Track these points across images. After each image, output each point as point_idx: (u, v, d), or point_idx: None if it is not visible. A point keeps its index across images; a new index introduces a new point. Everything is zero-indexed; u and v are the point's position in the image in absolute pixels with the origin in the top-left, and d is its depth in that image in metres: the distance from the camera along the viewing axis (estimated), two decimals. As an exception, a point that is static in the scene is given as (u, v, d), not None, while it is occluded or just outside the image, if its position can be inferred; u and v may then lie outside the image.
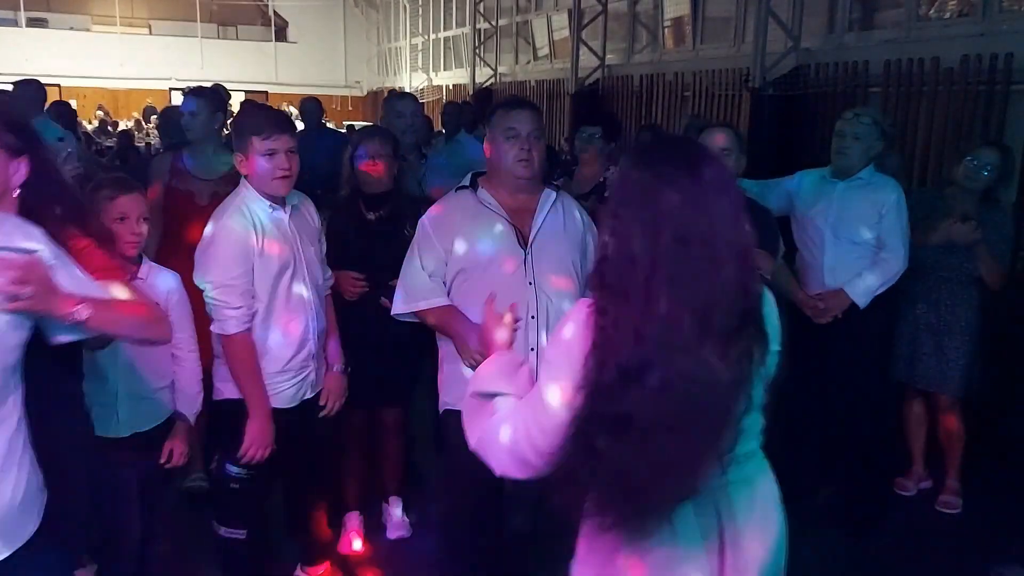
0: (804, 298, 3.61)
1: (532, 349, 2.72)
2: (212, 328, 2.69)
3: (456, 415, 2.81)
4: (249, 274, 2.65)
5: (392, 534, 3.56)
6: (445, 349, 2.84)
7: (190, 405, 2.77)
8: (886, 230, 3.53)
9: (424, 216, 2.83)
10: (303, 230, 2.83)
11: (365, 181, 3.31)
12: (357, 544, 3.44)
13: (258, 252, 2.66)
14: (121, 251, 2.54)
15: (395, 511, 3.61)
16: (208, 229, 2.68)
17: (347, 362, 3.06)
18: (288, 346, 2.78)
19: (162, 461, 2.68)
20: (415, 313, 2.80)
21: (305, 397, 2.89)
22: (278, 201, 2.73)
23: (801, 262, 3.74)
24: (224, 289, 2.63)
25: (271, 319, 2.73)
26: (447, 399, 2.85)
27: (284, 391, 2.81)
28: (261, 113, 2.76)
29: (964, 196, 3.74)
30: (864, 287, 3.52)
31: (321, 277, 2.92)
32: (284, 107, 20.19)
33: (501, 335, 1.86)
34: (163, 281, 2.71)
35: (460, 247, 2.72)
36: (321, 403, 2.97)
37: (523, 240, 2.74)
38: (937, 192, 3.99)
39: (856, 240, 3.56)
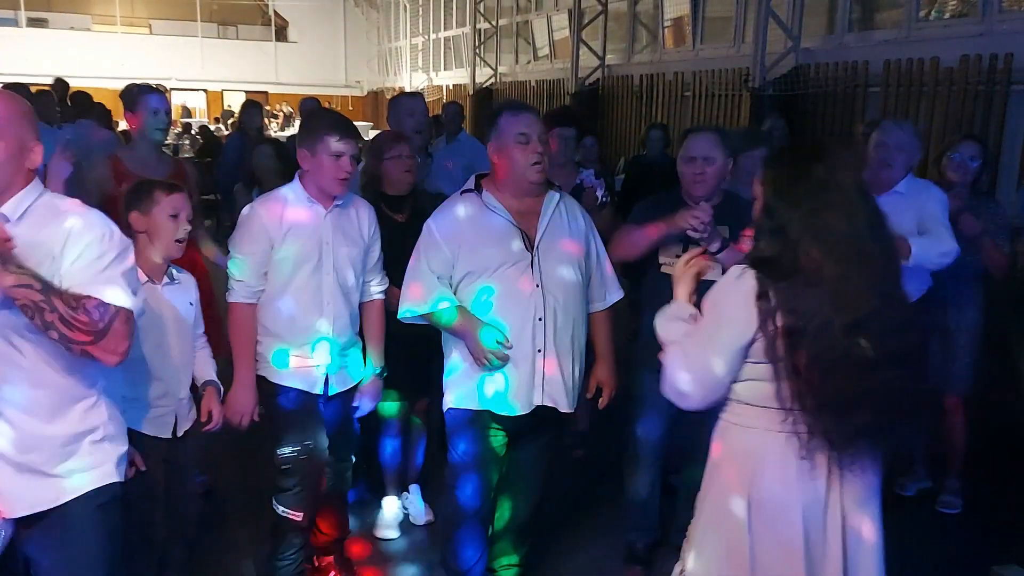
0: None
1: (539, 350, 2.72)
2: (228, 296, 2.89)
3: (457, 413, 2.84)
4: (260, 256, 2.81)
5: (419, 520, 3.68)
6: (451, 350, 2.85)
7: (213, 376, 2.87)
8: (932, 232, 3.37)
9: (430, 219, 2.83)
10: (342, 230, 2.90)
11: (398, 184, 3.36)
12: (392, 533, 3.58)
13: (281, 238, 2.80)
14: (166, 248, 2.62)
15: (416, 499, 3.71)
16: (246, 207, 2.93)
17: (384, 367, 3.12)
18: (301, 333, 2.86)
19: (202, 420, 2.76)
20: (423, 315, 2.79)
21: (315, 390, 2.92)
22: (323, 198, 2.84)
23: None
24: (235, 260, 2.85)
25: (284, 302, 2.84)
26: (451, 398, 2.85)
27: (295, 370, 2.88)
28: (335, 117, 2.94)
29: (956, 192, 3.75)
30: (923, 250, 3.28)
31: (355, 281, 2.96)
32: (283, 107, 20.27)
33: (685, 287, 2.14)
34: (190, 281, 2.79)
35: (467, 250, 2.72)
36: (355, 404, 3.07)
37: (529, 243, 2.74)
38: None
39: None
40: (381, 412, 3.42)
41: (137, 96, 3.68)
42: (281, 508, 2.93)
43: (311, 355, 2.88)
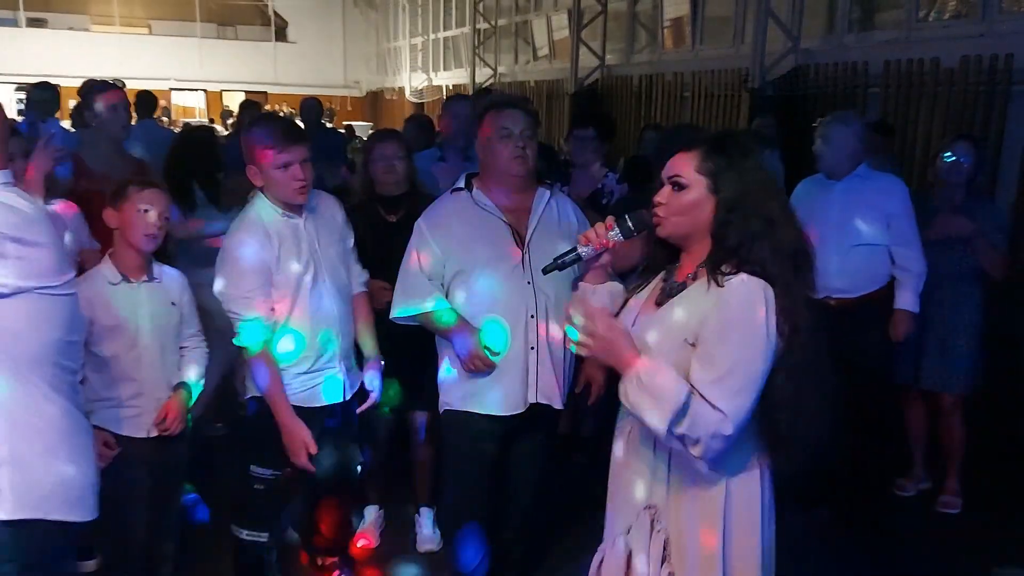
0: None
1: (532, 348, 2.72)
2: (234, 340, 2.69)
3: (454, 414, 2.84)
4: (265, 286, 2.64)
5: (421, 547, 3.52)
6: (445, 351, 2.84)
7: (195, 383, 2.79)
8: (899, 236, 3.56)
9: (420, 218, 2.83)
10: (323, 231, 2.81)
11: (383, 184, 3.33)
12: (365, 542, 3.47)
13: (275, 261, 2.65)
14: (136, 243, 2.59)
15: (425, 523, 3.57)
16: (225, 242, 2.69)
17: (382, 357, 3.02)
18: (312, 348, 2.77)
19: (155, 422, 2.67)
20: (414, 317, 2.79)
21: (318, 403, 2.84)
22: (293, 208, 2.72)
23: None
24: (240, 302, 2.63)
25: (294, 323, 2.72)
26: (447, 400, 2.85)
27: (309, 390, 2.80)
28: (273, 125, 2.71)
29: (950, 192, 3.76)
30: (912, 297, 3.60)
31: (347, 277, 2.90)
32: (282, 107, 20.26)
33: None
34: (175, 281, 2.77)
35: (457, 249, 2.72)
36: (366, 384, 2.95)
37: (519, 239, 2.74)
38: (925, 194, 3.99)
39: (862, 242, 3.55)
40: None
41: (96, 92, 3.63)
42: (246, 533, 2.84)
43: (327, 366, 2.81)
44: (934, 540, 3.69)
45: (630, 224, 1.90)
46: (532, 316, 2.71)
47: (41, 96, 6.01)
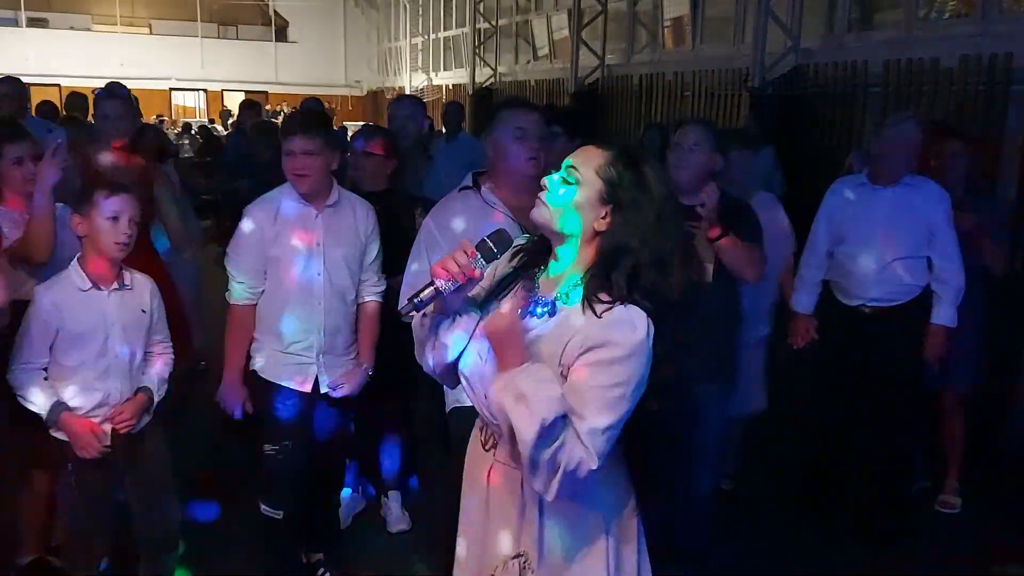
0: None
1: None
2: (226, 295, 2.97)
3: (463, 412, 2.83)
4: (256, 256, 2.89)
5: (393, 528, 3.63)
6: None
7: (157, 389, 2.74)
8: (940, 248, 3.44)
9: (428, 216, 2.84)
10: (335, 229, 2.94)
11: (356, 179, 3.37)
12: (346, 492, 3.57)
13: (273, 239, 2.87)
14: (107, 252, 2.55)
15: (394, 505, 3.66)
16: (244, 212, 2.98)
17: (372, 367, 3.09)
18: (290, 331, 2.90)
19: (110, 417, 2.61)
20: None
21: (306, 388, 2.95)
22: (312, 198, 2.89)
23: (842, 273, 3.60)
24: (233, 261, 2.93)
25: (279, 301, 2.90)
26: (458, 396, 2.85)
27: (284, 367, 2.94)
28: (289, 116, 3.02)
29: (948, 188, 3.73)
30: (951, 312, 3.46)
31: (349, 280, 2.98)
32: (283, 107, 20.26)
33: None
34: (145, 287, 2.73)
35: None
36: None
37: None
38: None
39: (904, 255, 3.46)
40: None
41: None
42: (264, 507, 2.97)
43: (303, 352, 2.93)
44: (934, 540, 3.69)
45: (491, 246, 1.64)
46: None
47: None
